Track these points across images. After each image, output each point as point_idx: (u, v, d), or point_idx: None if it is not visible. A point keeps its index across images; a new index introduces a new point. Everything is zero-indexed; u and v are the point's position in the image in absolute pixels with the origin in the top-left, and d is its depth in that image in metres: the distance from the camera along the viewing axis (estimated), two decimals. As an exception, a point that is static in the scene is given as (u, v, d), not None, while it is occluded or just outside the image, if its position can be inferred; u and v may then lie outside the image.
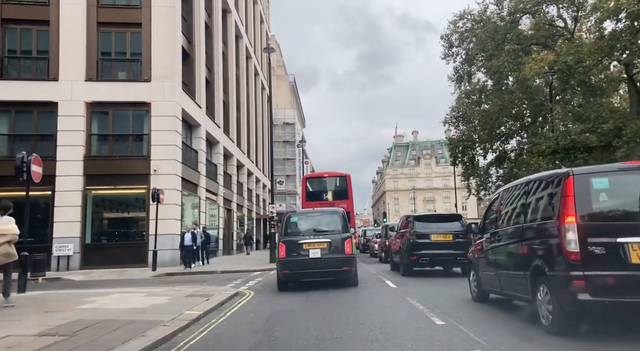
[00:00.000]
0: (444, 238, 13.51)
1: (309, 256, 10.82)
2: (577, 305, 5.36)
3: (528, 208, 6.70)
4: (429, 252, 13.37)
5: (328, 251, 10.88)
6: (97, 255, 20.63)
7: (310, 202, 22.69)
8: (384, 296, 10.01)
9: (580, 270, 5.31)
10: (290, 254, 10.95)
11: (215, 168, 29.89)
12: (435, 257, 13.51)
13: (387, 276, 14.36)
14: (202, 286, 12.53)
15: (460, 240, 13.18)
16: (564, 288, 5.48)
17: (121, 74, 22.28)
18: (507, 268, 7.15)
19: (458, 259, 12.98)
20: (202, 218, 26.00)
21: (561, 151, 24.79)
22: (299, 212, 14.19)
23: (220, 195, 30.13)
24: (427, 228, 13.81)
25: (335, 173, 25.16)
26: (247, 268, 19.40)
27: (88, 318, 7.25)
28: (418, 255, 13.41)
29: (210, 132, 27.76)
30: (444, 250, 13.39)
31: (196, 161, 25.70)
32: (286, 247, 11.06)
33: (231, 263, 22.97)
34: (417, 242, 13.47)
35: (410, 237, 13.66)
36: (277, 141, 59.75)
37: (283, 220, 12.34)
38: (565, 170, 6.01)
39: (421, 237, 13.48)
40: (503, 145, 39.36)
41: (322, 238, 11.05)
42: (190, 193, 24.67)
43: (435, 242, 13.46)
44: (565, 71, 26.80)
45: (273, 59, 64.05)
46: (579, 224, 5.41)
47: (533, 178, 6.94)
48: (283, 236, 11.58)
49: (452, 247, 13.24)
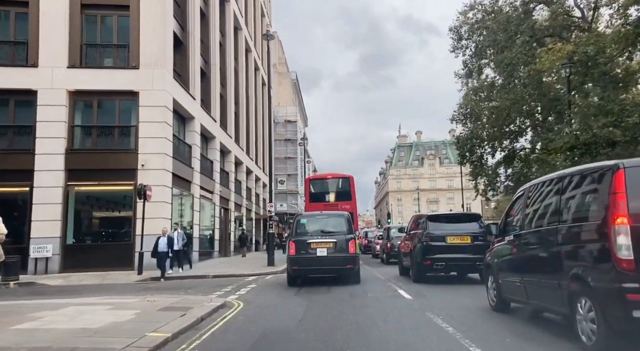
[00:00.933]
0: (461, 241, 12.08)
1: (316, 254, 11.92)
2: (630, 324, 4.54)
3: (563, 207, 5.90)
4: (444, 256, 11.96)
5: (334, 250, 11.96)
6: (79, 257, 18.88)
7: (313, 203, 22.51)
8: (400, 311, 8.25)
9: (635, 282, 4.52)
10: (300, 252, 12.06)
11: (211, 165, 28.17)
12: (452, 261, 12.06)
13: (398, 283, 12.72)
14: (184, 296, 10.79)
15: (480, 242, 11.75)
16: (613, 303, 4.69)
17: (107, 61, 20.54)
18: (536, 274, 6.35)
19: (477, 264, 11.45)
20: (195, 218, 24.27)
21: (581, 146, 23.02)
22: (308, 214, 14.72)
23: (216, 193, 28.39)
24: (442, 229, 12.38)
25: (338, 175, 24.90)
26: (242, 273, 17.66)
27: (16, 343, 5.52)
28: (432, 259, 12.05)
29: (205, 125, 26.04)
30: (461, 253, 11.97)
31: (189, 156, 23.97)
32: (296, 245, 12.18)
33: (225, 266, 21.24)
34: (431, 245, 12.09)
35: (424, 239, 12.30)
36: (279, 139, 58.00)
37: (294, 221, 13.84)
38: (613, 163, 5.16)
39: (436, 239, 12.13)
40: (512, 143, 37.62)
41: (329, 239, 12.16)
42: (182, 190, 22.95)
43: (452, 245, 12.04)
44: (585, 62, 25.08)
45: (274, 56, 62.30)
46: (632, 226, 4.64)
47: (569, 173, 6.15)
48: (293, 236, 12.70)
49: (470, 251, 11.85)
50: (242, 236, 30.23)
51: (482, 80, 38.67)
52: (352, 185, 23.50)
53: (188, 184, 23.70)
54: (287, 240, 27.64)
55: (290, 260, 12.30)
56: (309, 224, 13.04)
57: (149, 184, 17.96)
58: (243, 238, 29.80)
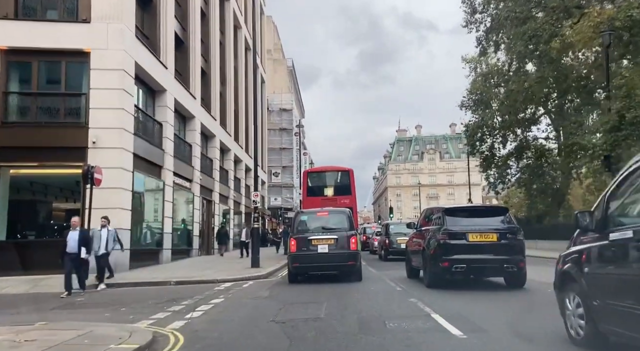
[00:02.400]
0: (485, 239, 9.98)
1: (317, 251, 11.82)
2: None
3: None
4: (465, 257, 9.90)
5: (335, 247, 11.84)
6: (10, 257, 14.87)
7: (310, 198, 21.03)
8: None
9: None
10: (301, 249, 11.94)
11: (190, 149, 24.31)
12: (474, 263, 9.96)
13: (413, 292, 9.87)
14: (94, 326, 6.77)
15: (507, 241, 9.96)
16: None
17: (50, 13, 16.54)
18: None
19: (504, 267, 9.92)
20: (167, 209, 20.40)
21: (626, 126, 19.33)
22: (309, 211, 14.25)
23: (195, 182, 24.51)
24: (463, 224, 10.25)
25: (337, 168, 23.20)
26: (214, 278, 13.78)
27: None
28: (451, 261, 9.95)
29: (181, 102, 22.14)
30: (485, 254, 9.92)
31: (160, 136, 20.10)
32: (297, 242, 12.03)
33: (198, 268, 17.35)
34: (449, 244, 10.02)
35: (440, 236, 10.21)
36: (273, 129, 54.10)
37: (294, 218, 13.85)
38: None
39: (455, 237, 10.05)
40: (525, 132, 34.04)
41: (330, 235, 12.04)
42: (149, 175, 19.05)
43: (474, 244, 9.92)
44: (629, 28, 21.31)
45: (270, 41, 58.34)
46: None
47: None
48: (294, 233, 12.42)
49: (497, 251, 9.88)
50: (220, 231, 26.30)
51: (493, 65, 34.92)
52: (352, 178, 21.72)
53: (158, 169, 19.82)
54: (283, 238, 24.44)
55: (291, 257, 12.28)
56: (310, 221, 12.93)
57: (99, 166, 14.02)
58: (222, 234, 25.86)
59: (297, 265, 12.10)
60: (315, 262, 11.83)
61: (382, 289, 10.84)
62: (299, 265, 12.05)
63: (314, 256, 11.80)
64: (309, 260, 11.85)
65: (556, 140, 34.42)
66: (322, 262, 11.82)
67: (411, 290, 10.28)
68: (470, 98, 36.23)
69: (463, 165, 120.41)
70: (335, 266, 12.07)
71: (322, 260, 11.80)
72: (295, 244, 12.05)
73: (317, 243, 11.89)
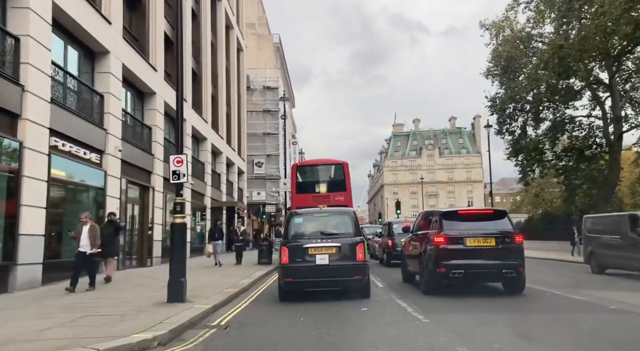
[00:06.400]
0: (484, 243, 9.90)
1: (315, 262, 9.76)
2: None
3: None
4: (463, 262, 9.78)
5: (337, 257, 9.82)
6: None
7: (301, 195, 19.14)
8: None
9: None
10: (294, 260, 9.87)
11: (148, 132, 19.62)
12: (472, 268, 9.82)
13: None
14: None
15: (506, 245, 9.94)
16: None
17: None
18: None
19: (503, 272, 9.86)
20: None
21: None
22: (304, 211, 11.48)
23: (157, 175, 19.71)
24: (460, 228, 10.15)
25: (331, 161, 21.09)
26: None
27: None
28: (448, 266, 9.79)
29: (132, 69, 17.38)
30: (484, 259, 9.81)
31: (100, 110, 15.36)
32: (289, 251, 9.94)
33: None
34: (446, 249, 9.91)
35: (438, 241, 10.06)
36: (255, 110, 46.28)
37: (286, 220, 12.08)
38: None
39: (452, 242, 9.93)
40: (568, 106, 28.60)
41: (331, 243, 9.99)
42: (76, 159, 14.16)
43: (472, 248, 9.84)
44: None
45: (254, 15, 52.78)
46: None
47: None
48: (286, 239, 10.43)
49: (495, 256, 9.83)
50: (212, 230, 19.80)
51: (519, 30, 29.79)
52: (347, 172, 19.69)
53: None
54: (269, 243, 19.86)
55: (282, 269, 10.07)
56: (306, 224, 10.76)
57: None
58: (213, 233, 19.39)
59: (289, 280, 9.90)
60: (313, 276, 9.73)
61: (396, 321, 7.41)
62: (292, 280, 9.86)
63: (311, 269, 9.71)
64: (304, 274, 9.72)
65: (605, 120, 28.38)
66: (321, 276, 9.73)
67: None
68: (495, 64, 30.70)
69: (463, 161, 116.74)
70: (337, 281, 9.96)
71: (321, 275, 9.70)
72: (288, 254, 9.90)
73: (314, 252, 9.78)
